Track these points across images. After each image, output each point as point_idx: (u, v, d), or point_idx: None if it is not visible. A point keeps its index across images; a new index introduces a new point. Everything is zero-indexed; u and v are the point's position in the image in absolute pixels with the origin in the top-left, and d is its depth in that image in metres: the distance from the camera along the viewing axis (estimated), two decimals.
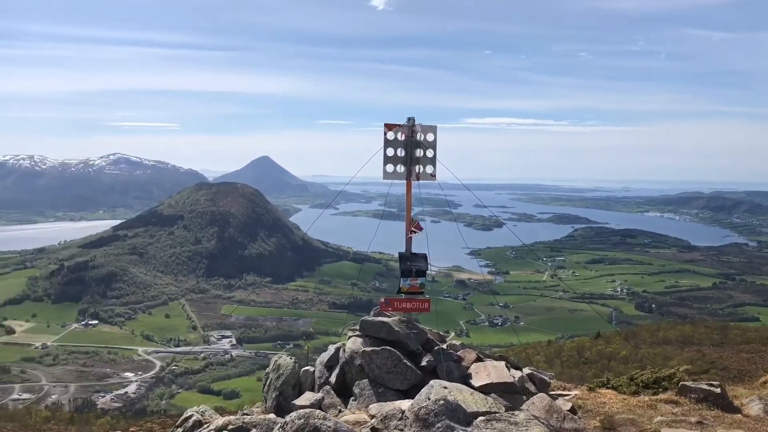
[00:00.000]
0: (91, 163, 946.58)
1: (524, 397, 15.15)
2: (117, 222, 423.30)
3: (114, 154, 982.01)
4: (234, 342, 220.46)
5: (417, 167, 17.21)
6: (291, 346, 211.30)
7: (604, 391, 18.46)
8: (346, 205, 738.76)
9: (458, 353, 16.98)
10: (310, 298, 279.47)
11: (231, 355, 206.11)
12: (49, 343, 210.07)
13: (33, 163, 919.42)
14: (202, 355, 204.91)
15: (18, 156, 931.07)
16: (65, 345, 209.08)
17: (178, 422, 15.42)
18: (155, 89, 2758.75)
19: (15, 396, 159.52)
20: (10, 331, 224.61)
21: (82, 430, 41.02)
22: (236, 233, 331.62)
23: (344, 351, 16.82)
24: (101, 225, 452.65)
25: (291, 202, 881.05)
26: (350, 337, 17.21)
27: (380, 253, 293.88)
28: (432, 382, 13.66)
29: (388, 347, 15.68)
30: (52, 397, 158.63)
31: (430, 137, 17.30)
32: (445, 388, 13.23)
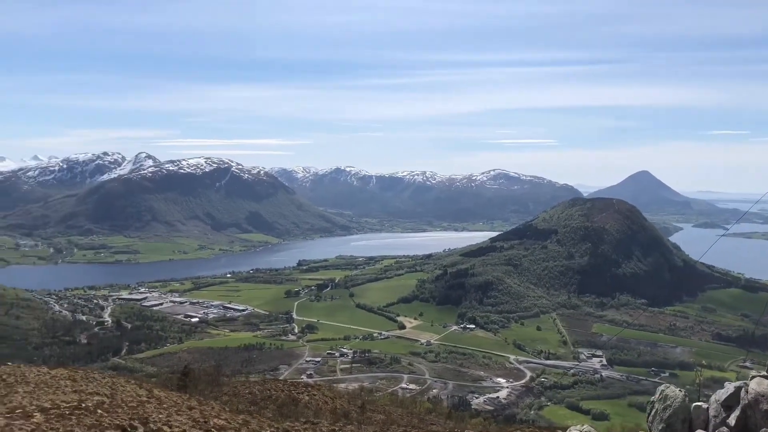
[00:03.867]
0: (474, 178, 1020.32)
1: None
2: (494, 234, 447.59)
3: (494, 170, 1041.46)
4: (604, 362, 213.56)
5: None
6: (666, 374, 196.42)
7: None
8: (738, 225, 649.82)
9: None
10: (690, 326, 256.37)
11: (601, 375, 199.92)
12: (432, 341, 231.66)
13: (425, 178, 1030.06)
14: (572, 371, 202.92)
15: (413, 172, 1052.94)
16: (445, 344, 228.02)
17: None
18: (534, 107, 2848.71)
19: (403, 385, 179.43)
20: (402, 327, 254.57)
21: (458, 426, 43.51)
22: (610, 250, 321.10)
23: (746, 392, 14.33)
24: (480, 236, 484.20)
25: (671, 219, 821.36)
26: (754, 377, 14.60)
27: None
28: None
29: None
30: (433, 391, 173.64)
31: None
32: None
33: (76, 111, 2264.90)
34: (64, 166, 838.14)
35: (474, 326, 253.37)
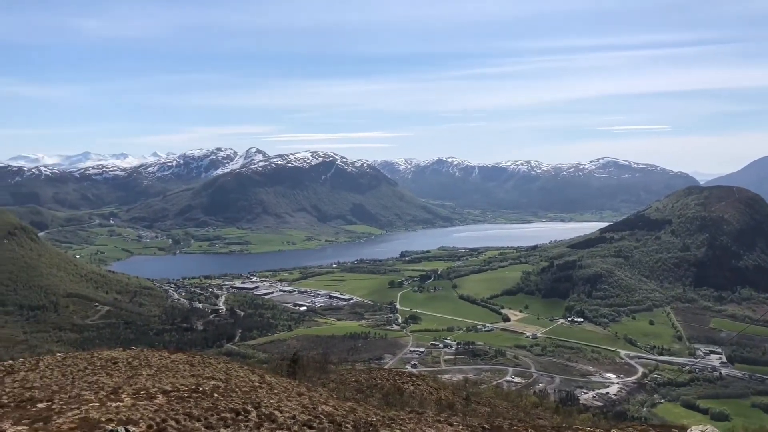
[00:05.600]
0: (581, 167, 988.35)
1: None
2: (604, 224, 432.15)
3: (603, 158, 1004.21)
4: (724, 359, 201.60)
5: None
6: None
7: None
8: None
9: None
10: None
11: (720, 373, 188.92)
12: (538, 334, 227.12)
13: (529, 168, 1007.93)
14: (687, 367, 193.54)
15: (517, 162, 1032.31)
16: (552, 338, 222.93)
17: None
18: (645, 92, 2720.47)
19: (509, 378, 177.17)
20: (506, 319, 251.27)
21: (566, 422, 42.41)
22: (730, 241, 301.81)
23: None
24: (588, 227, 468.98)
25: None
26: None
27: None
28: None
29: None
30: (540, 385, 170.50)
31: None
32: None
33: (192, 109, 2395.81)
34: (181, 161, 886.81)
35: (582, 320, 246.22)
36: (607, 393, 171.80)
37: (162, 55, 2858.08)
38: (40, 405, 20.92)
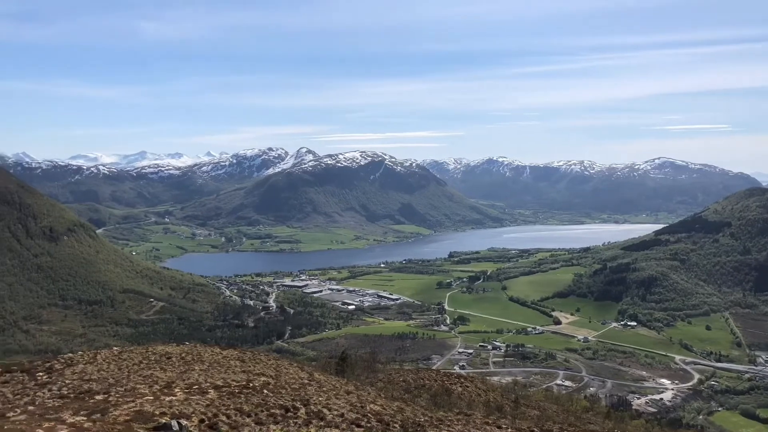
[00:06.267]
0: (636, 167, 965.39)
1: None
2: (659, 226, 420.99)
3: (659, 158, 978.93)
4: None
5: None
6: None
7: None
8: None
9: None
10: None
11: None
12: (590, 338, 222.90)
13: (582, 168, 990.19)
14: (747, 375, 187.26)
15: (570, 162, 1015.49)
16: (604, 341, 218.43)
17: None
18: (705, 89, 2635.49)
19: (559, 381, 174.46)
20: (557, 322, 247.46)
21: (618, 427, 41.51)
22: None
23: None
24: (643, 228, 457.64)
25: None
26: None
27: None
28: None
29: None
30: (591, 389, 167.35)
31: None
32: None
33: (244, 109, 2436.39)
34: (234, 161, 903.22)
35: (635, 323, 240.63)
36: (661, 399, 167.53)
37: (215, 56, 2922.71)
38: (97, 397, 21.56)
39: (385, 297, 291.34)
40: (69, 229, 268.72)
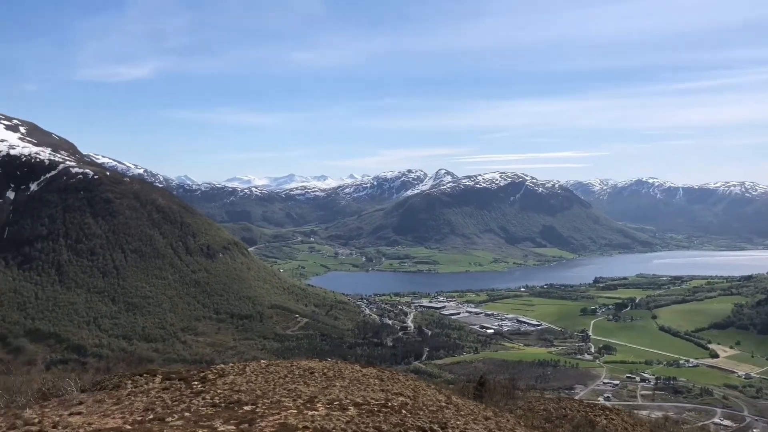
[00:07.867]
0: None
1: None
2: None
3: None
4: None
5: None
6: None
7: None
8: None
9: None
10: None
11: None
12: (752, 374, 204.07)
13: (743, 189, 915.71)
14: None
15: (728, 183, 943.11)
16: None
17: None
18: None
19: (716, 420, 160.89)
20: (714, 355, 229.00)
21: None
22: None
23: None
24: None
25: None
26: None
27: None
28: None
29: None
30: (754, 430, 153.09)
31: None
32: None
33: (385, 133, 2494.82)
34: (374, 183, 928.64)
35: None
36: None
37: (357, 81, 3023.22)
38: (245, 408, 22.62)
39: (525, 322, 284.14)
40: (224, 247, 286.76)
